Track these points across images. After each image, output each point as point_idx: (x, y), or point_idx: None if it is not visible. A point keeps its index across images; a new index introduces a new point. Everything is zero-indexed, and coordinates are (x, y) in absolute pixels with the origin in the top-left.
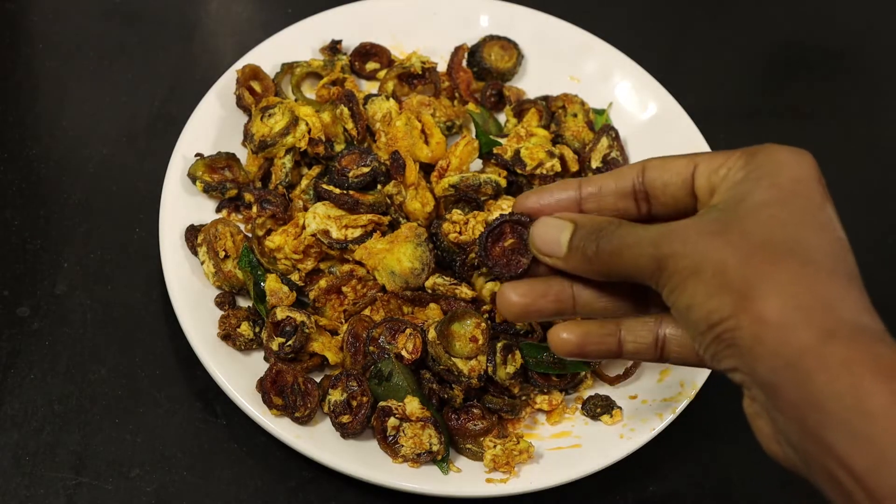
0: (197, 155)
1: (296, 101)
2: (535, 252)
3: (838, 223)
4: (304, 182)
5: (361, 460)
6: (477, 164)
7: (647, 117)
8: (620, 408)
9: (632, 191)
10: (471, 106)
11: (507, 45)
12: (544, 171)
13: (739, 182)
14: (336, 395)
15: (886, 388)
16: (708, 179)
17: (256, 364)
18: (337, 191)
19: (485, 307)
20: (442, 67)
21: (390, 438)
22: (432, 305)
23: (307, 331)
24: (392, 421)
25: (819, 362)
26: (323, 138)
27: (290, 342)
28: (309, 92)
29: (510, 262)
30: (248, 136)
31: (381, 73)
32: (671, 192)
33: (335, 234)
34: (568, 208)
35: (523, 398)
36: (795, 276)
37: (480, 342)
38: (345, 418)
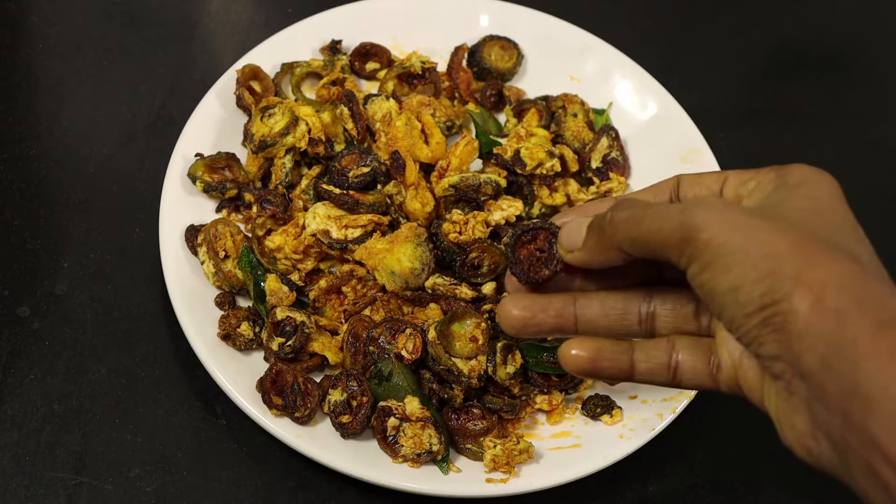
0: (197, 155)
1: (296, 101)
2: (560, 251)
3: (869, 242)
4: (304, 182)
5: (361, 460)
6: (477, 164)
7: (647, 117)
8: (620, 408)
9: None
10: (471, 106)
11: (507, 45)
12: (544, 171)
13: (773, 191)
14: (336, 395)
15: None
16: (735, 191)
17: (256, 364)
18: (337, 191)
19: (485, 307)
20: (442, 67)
21: (390, 438)
22: (432, 305)
23: (307, 331)
24: (392, 421)
25: (869, 352)
26: (323, 138)
27: (290, 342)
28: (309, 92)
29: (531, 268)
30: (248, 136)
31: (381, 73)
32: None
33: (335, 234)
34: None
35: (523, 398)
36: (847, 270)
37: (480, 342)
38: (345, 418)
